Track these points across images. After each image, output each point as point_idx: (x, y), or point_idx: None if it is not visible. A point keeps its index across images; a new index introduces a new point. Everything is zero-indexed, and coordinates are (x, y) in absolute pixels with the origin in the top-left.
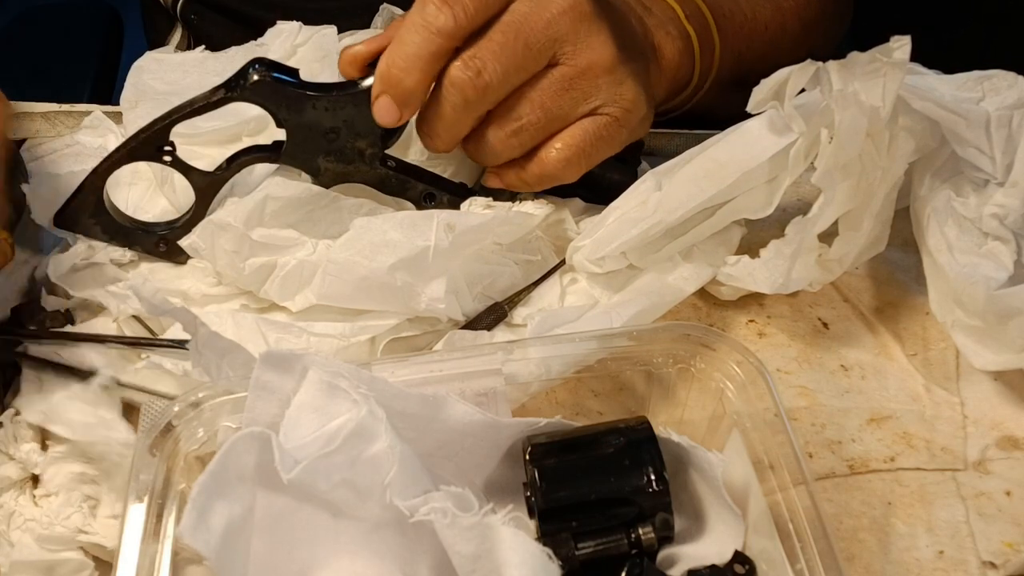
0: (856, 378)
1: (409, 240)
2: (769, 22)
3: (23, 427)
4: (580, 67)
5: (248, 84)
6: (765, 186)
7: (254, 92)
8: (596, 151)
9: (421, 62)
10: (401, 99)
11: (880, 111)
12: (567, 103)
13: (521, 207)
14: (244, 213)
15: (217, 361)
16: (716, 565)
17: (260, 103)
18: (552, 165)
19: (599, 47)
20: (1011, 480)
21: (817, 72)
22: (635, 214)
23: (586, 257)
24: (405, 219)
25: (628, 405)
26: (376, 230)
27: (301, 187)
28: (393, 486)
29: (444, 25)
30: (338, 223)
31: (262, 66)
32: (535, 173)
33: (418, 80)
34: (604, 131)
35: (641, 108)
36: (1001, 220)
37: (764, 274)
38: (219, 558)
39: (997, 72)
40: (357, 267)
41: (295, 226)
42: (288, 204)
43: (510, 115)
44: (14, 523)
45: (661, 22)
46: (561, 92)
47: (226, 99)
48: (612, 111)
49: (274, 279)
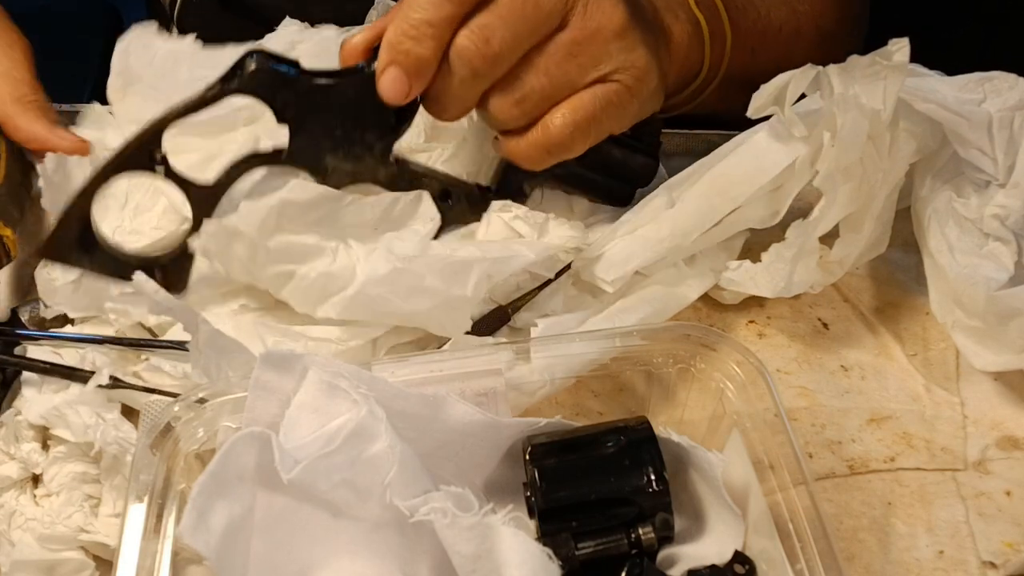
0: (856, 378)
1: (447, 288)
2: (784, 24)
3: (24, 427)
4: (589, 30)
5: (246, 74)
6: (771, 195)
7: (253, 83)
8: (605, 119)
9: (432, 29)
10: (412, 69)
11: (881, 114)
12: (574, 69)
13: (555, 232)
14: (258, 219)
15: (217, 360)
16: (716, 565)
17: (259, 95)
18: (557, 133)
19: (609, 9)
20: (1011, 480)
21: (817, 76)
22: (648, 233)
23: (597, 274)
24: (446, 268)
25: (628, 405)
26: (415, 274)
27: (321, 189)
28: (393, 486)
29: None
30: (361, 216)
31: (260, 55)
32: (540, 143)
33: (430, 48)
34: (614, 97)
35: (653, 78)
36: (1002, 221)
37: (766, 278)
38: (219, 558)
39: (998, 73)
40: (389, 305)
41: (314, 226)
42: (306, 206)
43: (514, 82)
44: (15, 522)
45: (669, 5)
46: (568, 57)
47: (222, 93)
48: (622, 78)
49: (294, 289)
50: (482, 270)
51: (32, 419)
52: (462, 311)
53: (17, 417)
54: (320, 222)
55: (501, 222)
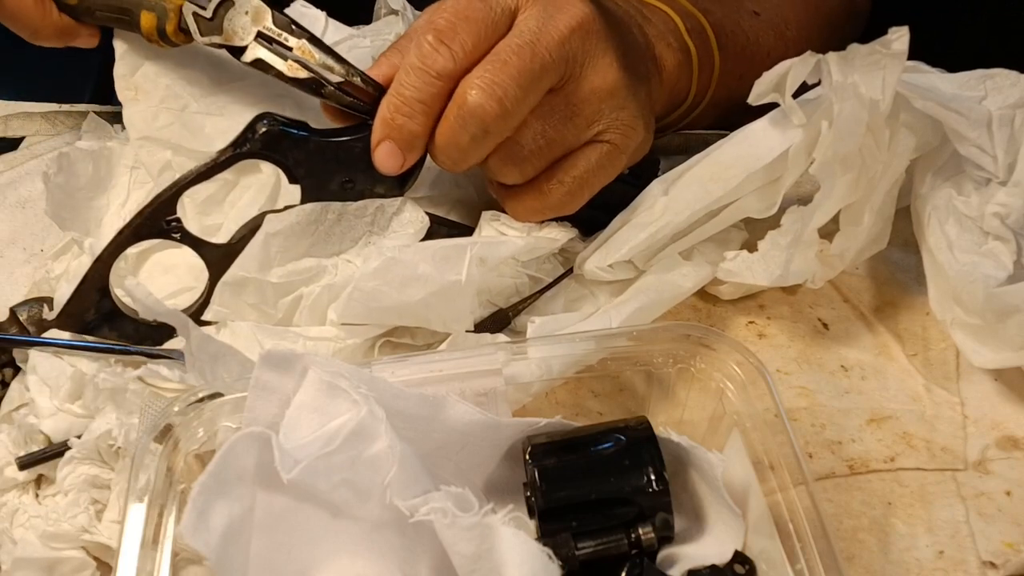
0: (856, 378)
1: (440, 275)
2: (771, 49)
3: (36, 431)
4: (584, 91)
5: (257, 138)
6: (769, 186)
7: (264, 146)
8: (597, 180)
9: (422, 106)
10: (405, 143)
11: (880, 104)
12: (570, 131)
13: (545, 232)
14: (255, 261)
15: (211, 365)
16: (716, 565)
17: (271, 159)
18: (554, 199)
19: (604, 68)
20: (1011, 480)
21: (817, 64)
22: (643, 219)
23: (596, 265)
24: (437, 252)
25: (628, 405)
26: (407, 263)
27: (295, 213)
28: (393, 486)
29: (443, 68)
30: (351, 231)
31: (269, 119)
32: (536, 208)
33: (422, 124)
34: (605, 159)
35: (639, 132)
36: (1003, 219)
37: (762, 267)
38: (219, 558)
39: (1000, 71)
40: (385, 297)
41: (310, 251)
42: (292, 233)
43: (512, 144)
44: (17, 520)
45: (661, 33)
46: (565, 120)
47: (235, 158)
48: (612, 137)
49: (302, 310)
50: (474, 253)
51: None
52: (459, 300)
53: (28, 418)
54: (315, 244)
55: (492, 230)
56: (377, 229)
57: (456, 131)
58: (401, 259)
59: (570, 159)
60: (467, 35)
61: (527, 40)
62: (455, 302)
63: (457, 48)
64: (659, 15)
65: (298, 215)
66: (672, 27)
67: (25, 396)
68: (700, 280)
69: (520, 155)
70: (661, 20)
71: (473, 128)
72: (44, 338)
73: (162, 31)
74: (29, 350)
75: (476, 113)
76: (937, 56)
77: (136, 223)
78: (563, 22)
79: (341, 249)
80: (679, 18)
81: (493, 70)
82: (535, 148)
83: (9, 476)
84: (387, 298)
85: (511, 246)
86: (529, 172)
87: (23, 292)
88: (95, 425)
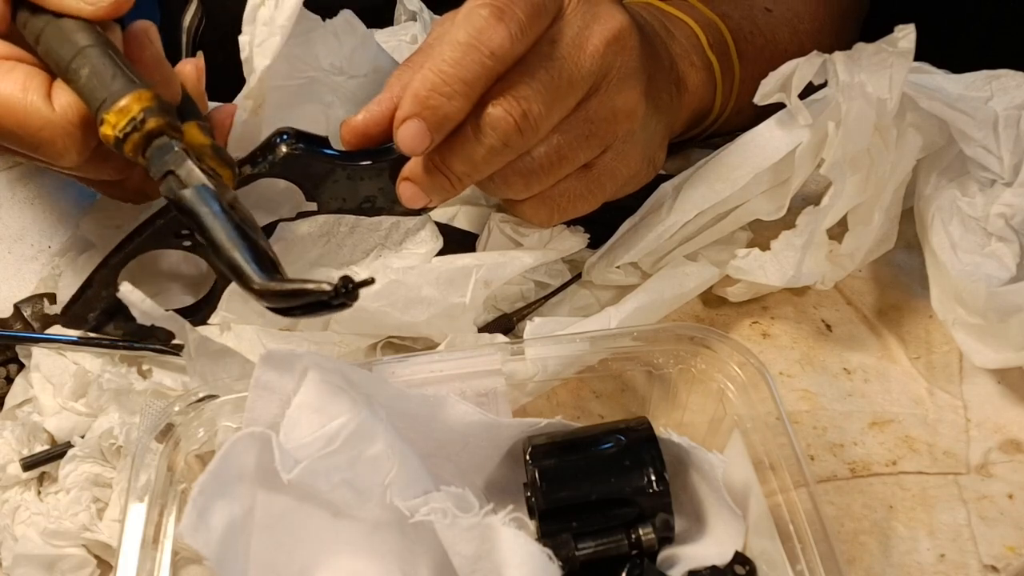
0: (859, 381)
1: (444, 297)
2: (788, 45)
3: (40, 428)
4: (605, 110)
5: (277, 159)
6: (778, 188)
7: (284, 168)
8: (577, 210)
9: (467, 87)
10: (437, 125)
11: (887, 103)
12: (584, 150)
13: (555, 243)
14: None
15: (212, 367)
16: (716, 566)
17: (290, 178)
18: (536, 221)
19: (628, 90)
20: (1013, 483)
21: (824, 64)
22: (651, 220)
23: (604, 267)
24: (442, 275)
25: (629, 406)
26: (411, 286)
27: (307, 223)
28: (393, 486)
29: (500, 45)
30: (363, 243)
31: (291, 138)
32: (546, 220)
33: (459, 108)
34: (595, 187)
35: (632, 165)
36: (1007, 220)
37: (775, 266)
38: (219, 558)
39: (1006, 71)
40: (388, 318)
41: (319, 260)
42: (303, 243)
43: (526, 158)
44: (19, 517)
45: (685, 50)
46: (581, 139)
47: (253, 176)
48: (609, 161)
49: (307, 322)
50: (479, 276)
51: (51, 429)
52: (462, 320)
53: (33, 417)
54: (324, 254)
55: (500, 233)
56: (390, 244)
57: (472, 140)
58: (405, 281)
59: (564, 183)
60: (524, 13)
61: (559, 52)
62: (458, 321)
63: (514, 26)
64: (682, 29)
65: (310, 226)
66: (695, 43)
67: (28, 392)
68: (704, 281)
69: (530, 168)
70: (684, 35)
71: (494, 140)
72: (49, 335)
73: None
74: (33, 347)
75: (499, 125)
76: (940, 57)
77: (146, 232)
78: (599, 34)
79: (352, 260)
80: (702, 32)
81: (520, 81)
82: (546, 163)
83: (12, 473)
84: (390, 319)
85: (517, 264)
86: (535, 188)
87: (30, 288)
88: (98, 424)
